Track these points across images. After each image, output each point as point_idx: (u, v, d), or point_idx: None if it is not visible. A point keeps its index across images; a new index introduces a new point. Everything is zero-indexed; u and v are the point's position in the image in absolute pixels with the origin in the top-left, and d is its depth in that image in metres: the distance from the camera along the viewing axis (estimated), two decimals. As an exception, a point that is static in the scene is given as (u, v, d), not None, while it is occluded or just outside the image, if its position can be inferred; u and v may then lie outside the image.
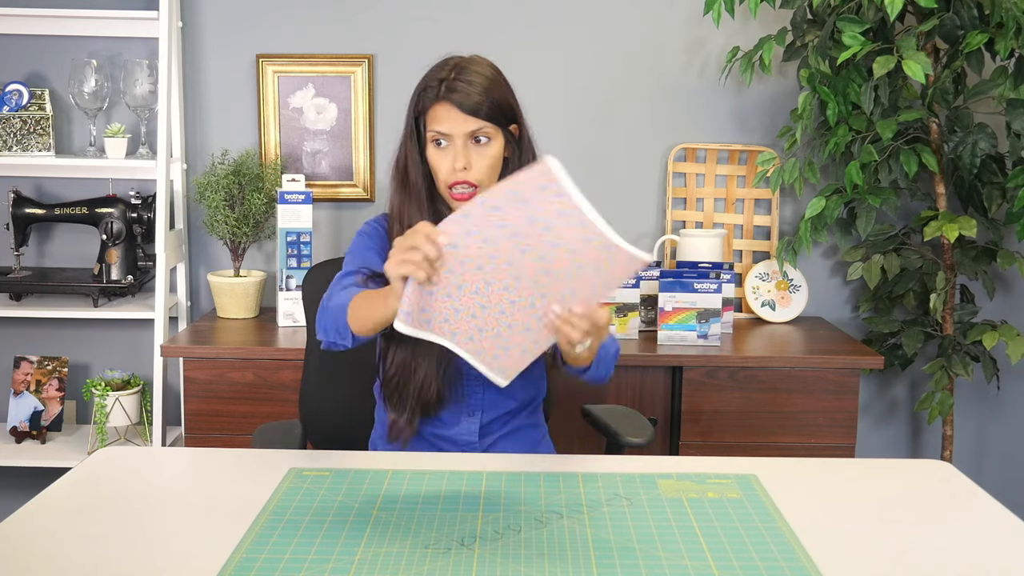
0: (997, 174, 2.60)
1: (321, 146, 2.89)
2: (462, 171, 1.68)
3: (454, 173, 1.68)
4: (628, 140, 2.91)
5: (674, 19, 2.86)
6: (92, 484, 1.46)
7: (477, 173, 1.69)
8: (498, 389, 1.78)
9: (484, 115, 1.68)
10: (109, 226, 2.75)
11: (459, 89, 1.67)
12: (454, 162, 1.68)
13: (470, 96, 1.67)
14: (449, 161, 1.68)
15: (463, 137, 1.68)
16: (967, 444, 3.01)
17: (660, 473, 1.54)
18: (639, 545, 1.27)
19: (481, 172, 1.69)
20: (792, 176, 2.57)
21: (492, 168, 1.71)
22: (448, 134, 1.68)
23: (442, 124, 1.68)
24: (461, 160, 1.67)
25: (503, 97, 1.71)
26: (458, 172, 1.68)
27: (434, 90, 1.69)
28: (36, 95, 2.78)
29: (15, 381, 2.84)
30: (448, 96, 1.67)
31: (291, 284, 2.69)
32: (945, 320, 2.68)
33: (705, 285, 2.54)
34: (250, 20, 2.85)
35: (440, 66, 1.72)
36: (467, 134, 1.68)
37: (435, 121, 1.69)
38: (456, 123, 1.67)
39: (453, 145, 1.68)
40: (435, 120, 1.69)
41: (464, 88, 1.67)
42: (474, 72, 1.70)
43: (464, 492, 1.44)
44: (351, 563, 1.20)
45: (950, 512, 1.41)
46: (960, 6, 2.40)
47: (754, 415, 2.51)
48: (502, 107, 1.70)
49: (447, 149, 1.69)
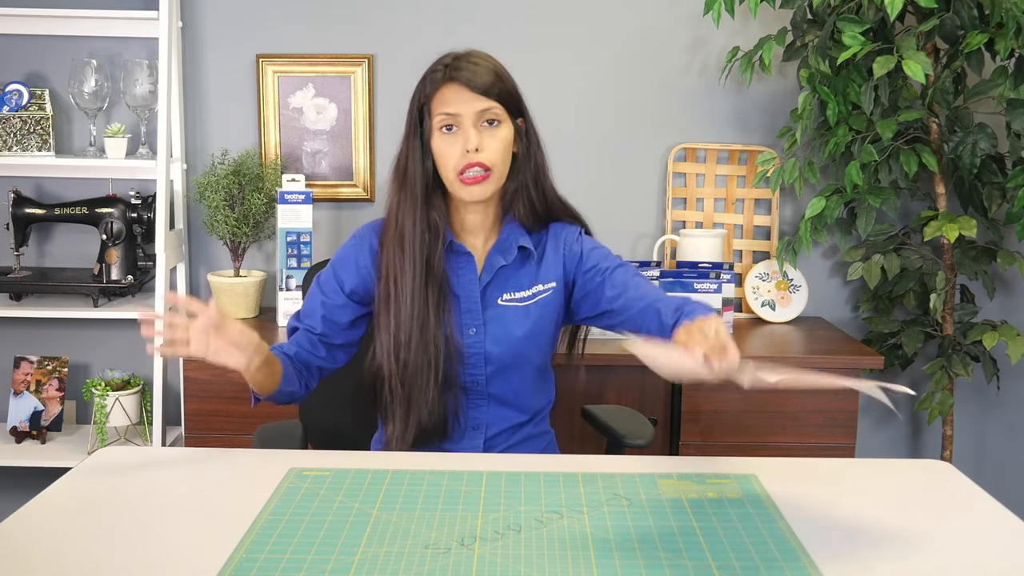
0: (997, 174, 2.60)
1: (321, 146, 2.89)
2: (474, 152, 1.63)
3: (465, 156, 1.63)
4: (628, 140, 2.91)
5: (674, 19, 2.86)
6: (92, 484, 1.46)
7: (490, 154, 1.65)
8: (504, 404, 1.78)
9: (494, 95, 1.64)
10: (109, 226, 2.75)
11: (466, 68, 1.64)
12: (465, 143, 1.63)
13: (478, 75, 1.64)
14: (460, 145, 1.64)
15: (473, 116, 1.64)
16: (967, 444, 3.01)
17: (660, 473, 1.54)
18: (639, 545, 1.27)
19: (494, 154, 1.65)
20: (792, 176, 2.56)
21: (504, 153, 1.67)
22: (458, 114, 1.64)
23: (451, 105, 1.64)
24: (473, 140, 1.63)
25: (510, 82, 1.69)
26: (470, 154, 1.63)
27: (439, 74, 1.66)
28: (36, 95, 2.78)
29: (15, 381, 2.84)
30: (455, 76, 1.64)
31: (291, 284, 2.69)
32: (945, 320, 2.68)
33: (705, 285, 2.54)
34: (250, 20, 2.85)
35: (441, 57, 1.69)
36: (477, 113, 1.64)
37: (443, 103, 1.64)
38: (466, 102, 1.63)
39: (463, 128, 1.64)
40: (443, 102, 1.64)
41: (471, 67, 1.64)
42: (476, 55, 1.68)
43: (464, 492, 1.43)
44: (351, 563, 1.20)
45: (950, 512, 1.41)
46: (960, 6, 2.40)
47: (754, 415, 2.51)
48: (510, 92, 1.68)
49: (456, 134, 1.65)
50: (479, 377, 1.75)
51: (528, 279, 1.76)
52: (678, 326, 1.52)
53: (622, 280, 1.74)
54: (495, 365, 1.74)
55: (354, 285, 1.75)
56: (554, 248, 1.78)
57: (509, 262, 1.75)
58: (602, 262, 1.77)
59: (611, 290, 1.73)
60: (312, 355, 1.75)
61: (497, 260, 1.74)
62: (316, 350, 1.76)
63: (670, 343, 1.43)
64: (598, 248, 1.80)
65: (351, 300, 1.76)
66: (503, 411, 1.78)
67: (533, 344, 1.76)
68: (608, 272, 1.75)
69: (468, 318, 1.74)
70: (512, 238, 1.75)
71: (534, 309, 1.76)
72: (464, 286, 1.74)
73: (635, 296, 1.71)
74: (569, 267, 1.78)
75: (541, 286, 1.77)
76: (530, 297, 1.76)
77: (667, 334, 1.60)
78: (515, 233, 1.75)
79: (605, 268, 1.76)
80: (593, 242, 1.81)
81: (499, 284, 1.75)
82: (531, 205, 1.75)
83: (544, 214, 1.77)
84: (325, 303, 1.76)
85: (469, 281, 1.74)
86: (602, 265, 1.76)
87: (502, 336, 1.74)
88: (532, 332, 1.75)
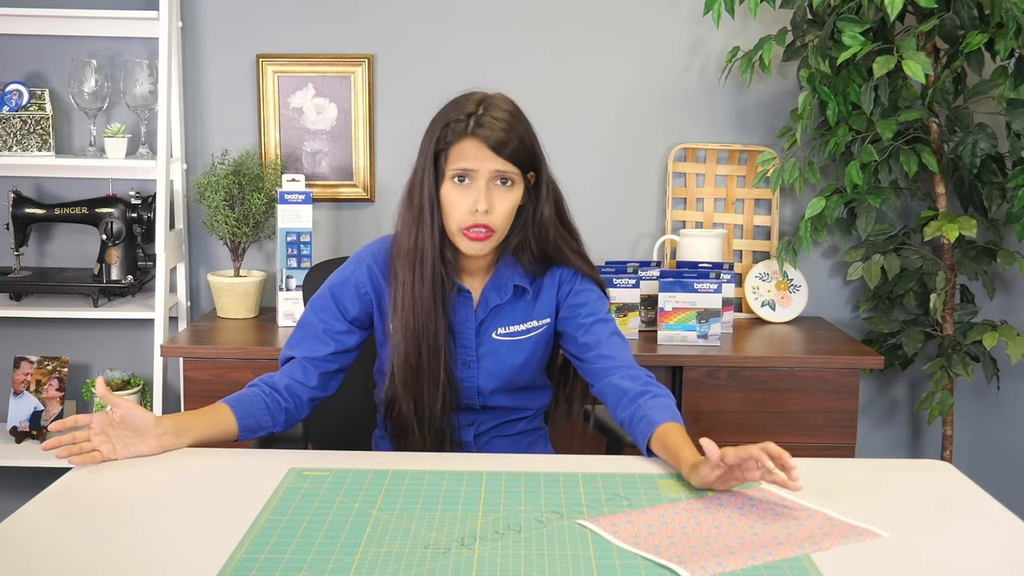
0: (997, 174, 2.60)
1: (321, 146, 2.89)
2: (483, 214, 1.62)
3: (473, 215, 1.63)
4: (628, 140, 2.90)
5: (674, 19, 2.86)
6: (92, 484, 1.46)
7: (497, 218, 1.64)
8: (495, 412, 1.82)
9: (511, 156, 1.62)
10: (109, 226, 2.75)
11: (488, 125, 1.61)
12: (476, 203, 1.62)
13: (500, 133, 1.61)
14: (470, 201, 1.62)
15: (489, 174, 1.63)
16: (967, 444, 3.01)
17: (660, 473, 1.54)
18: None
19: (500, 217, 1.65)
20: (792, 176, 2.56)
21: (510, 215, 1.67)
22: (474, 170, 1.62)
23: (469, 161, 1.62)
24: (484, 202, 1.62)
25: (529, 140, 1.66)
26: (478, 214, 1.62)
27: (462, 124, 1.63)
28: (36, 95, 2.78)
29: (15, 381, 2.84)
30: (477, 132, 1.61)
31: (291, 284, 2.68)
32: (945, 320, 2.68)
33: (705, 285, 2.54)
34: (250, 20, 2.85)
35: (464, 100, 1.66)
36: (493, 172, 1.63)
37: (460, 157, 1.62)
38: (484, 160, 1.62)
39: (476, 184, 1.63)
40: (460, 156, 1.62)
41: (494, 125, 1.62)
42: (501, 109, 1.65)
43: (464, 492, 1.43)
44: (351, 563, 1.20)
45: (950, 512, 1.41)
46: (960, 6, 2.40)
47: (754, 415, 2.51)
48: (528, 150, 1.65)
49: (469, 188, 1.63)
50: (472, 402, 1.80)
51: (523, 314, 1.78)
52: (633, 423, 1.61)
53: (596, 339, 1.74)
54: (487, 394, 1.79)
55: (356, 311, 1.76)
56: (550, 286, 1.79)
57: (504, 300, 1.76)
58: (589, 307, 1.77)
59: (584, 337, 1.75)
60: (304, 386, 1.74)
61: (493, 298, 1.76)
62: (308, 380, 1.75)
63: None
64: (592, 291, 1.79)
65: (353, 326, 1.77)
66: (495, 416, 1.83)
67: (525, 372, 1.80)
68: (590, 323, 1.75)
69: (463, 353, 1.76)
70: (507, 276, 1.75)
71: (527, 344, 1.78)
72: (460, 322, 1.76)
73: (605, 355, 1.72)
74: (561, 298, 1.79)
75: (536, 322, 1.78)
76: (524, 332, 1.78)
77: (621, 424, 1.67)
78: (510, 272, 1.75)
79: (588, 314, 1.76)
80: (590, 284, 1.79)
81: (494, 320, 1.77)
82: (530, 255, 1.75)
83: (544, 262, 1.77)
84: (328, 330, 1.75)
85: (465, 318, 1.76)
86: (586, 310, 1.76)
87: (495, 370, 1.77)
88: (525, 363, 1.79)
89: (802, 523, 1.33)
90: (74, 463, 1.52)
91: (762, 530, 1.31)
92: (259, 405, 1.70)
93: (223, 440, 1.66)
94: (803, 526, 1.32)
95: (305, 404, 1.76)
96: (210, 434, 1.64)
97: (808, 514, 1.36)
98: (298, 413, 1.76)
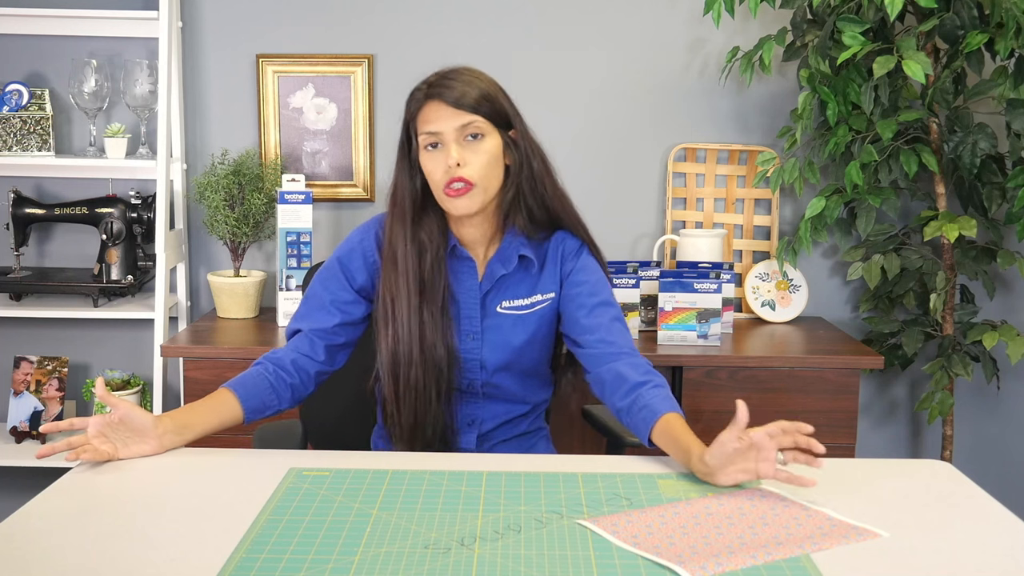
0: (997, 174, 2.60)
1: (321, 146, 2.89)
2: (455, 167, 1.63)
3: (448, 172, 1.64)
4: (628, 140, 2.91)
5: (674, 19, 2.86)
6: (92, 484, 1.46)
7: (472, 169, 1.64)
8: (498, 400, 1.80)
9: (472, 107, 1.64)
10: (109, 226, 2.75)
11: (445, 85, 1.64)
12: (447, 159, 1.63)
13: (455, 90, 1.64)
14: (443, 162, 1.64)
15: (454, 133, 1.64)
16: (967, 444, 3.01)
17: (660, 473, 1.54)
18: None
19: (476, 169, 1.64)
20: (792, 176, 2.56)
21: (488, 167, 1.66)
22: (438, 132, 1.64)
23: (433, 123, 1.64)
24: (454, 156, 1.63)
25: (493, 94, 1.67)
26: (452, 169, 1.63)
27: (421, 93, 1.67)
28: (36, 95, 2.78)
29: (15, 381, 2.84)
30: (435, 93, 1.65)
31: (291, 284, 2.69)
32: (945, 320, 2.68)
33: (705, 285, 2.54)
34: (250, 20, 2.85)
35: (427, 76, 1.70)
36: (457, 129, 1.64)
37: (425, 122, 1.65)
38: (445, 119, 1.64)
39: (445, 145, 1.64)
40: (425, 121, 1.66)
41: (450, 83, 1.65)
42: (460, 71, 1.68)
43: (464, 492, 1.43)
44: (351, 563, 1.20)
45: (950, 512, 1.41)
46: (960, 6, 2.40)
47: (754, 415, 2.48)
48: (492, 103, 1.66)
49: (440, 151, 1.65)
50: (474, 380, 1.77)
51: (527, 288, 1.77)
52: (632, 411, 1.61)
53: (598, 322, 1.73)
54: (490, 370, 1.76)
55: (363, 279, 1.75)
56: (553, 259, 1.78)
57: (509, 271, 1.75)
58: (591, 287, 1.76)
59: (586, 319, 1.73)
60: (311, 360, 1.74)
61: (497, 269, 1.75)
62: (316, 353, 1.74)
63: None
64: (595, 272, 1.78)
65: (360, 296, 1.76)
66: (497, 407, 1.80)
67: (529, 351, 1.78)
68: (592, 304, 1.74)
69: (467, 324, 1.75)
70: (513, 247, 1.75)
71: (532, 319, 1.77)
72: (464, 292, 1.74)
73: (607, 340, 1.71)
74: (564, 274, 1.78)
75: (540, 296, 1.77)
76: (529, 306, 1.77)
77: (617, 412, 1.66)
78: (516, 242, 1.75)
79: (590, 294, 1.75)
80: (592, 263, 1.79)
81: (499, 292, 1.76)
82: (529, 213, 1.74)
83: (545, 221, 1.77)
84: (334, 301, 1.75)
85: (469, 287, 1.75)
86: (587, 289, 1.75)
87: (499, 344, 1.75)
88: (529, 340, 1.77)
89: (802, 523, 1.33)
90: (82, 459, 1.52)
91: (762, 530, 1.31)
92: (263, 384, 1.69)
93: (230, 426, 1.66)
94: (803, 526, 1.32)
95: (312, 378, 1.75)
96: (213, 425, 1.63)
97: (808, 514, 1.36)
98: (304, 388, 1.74)
